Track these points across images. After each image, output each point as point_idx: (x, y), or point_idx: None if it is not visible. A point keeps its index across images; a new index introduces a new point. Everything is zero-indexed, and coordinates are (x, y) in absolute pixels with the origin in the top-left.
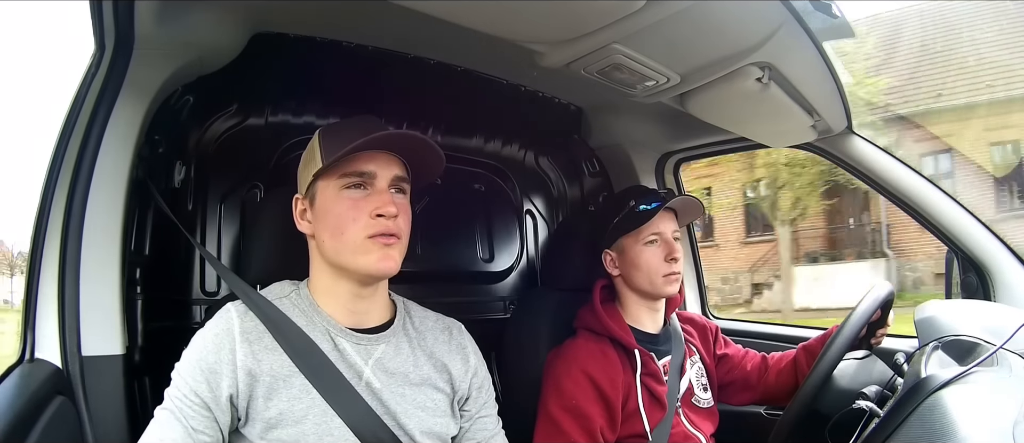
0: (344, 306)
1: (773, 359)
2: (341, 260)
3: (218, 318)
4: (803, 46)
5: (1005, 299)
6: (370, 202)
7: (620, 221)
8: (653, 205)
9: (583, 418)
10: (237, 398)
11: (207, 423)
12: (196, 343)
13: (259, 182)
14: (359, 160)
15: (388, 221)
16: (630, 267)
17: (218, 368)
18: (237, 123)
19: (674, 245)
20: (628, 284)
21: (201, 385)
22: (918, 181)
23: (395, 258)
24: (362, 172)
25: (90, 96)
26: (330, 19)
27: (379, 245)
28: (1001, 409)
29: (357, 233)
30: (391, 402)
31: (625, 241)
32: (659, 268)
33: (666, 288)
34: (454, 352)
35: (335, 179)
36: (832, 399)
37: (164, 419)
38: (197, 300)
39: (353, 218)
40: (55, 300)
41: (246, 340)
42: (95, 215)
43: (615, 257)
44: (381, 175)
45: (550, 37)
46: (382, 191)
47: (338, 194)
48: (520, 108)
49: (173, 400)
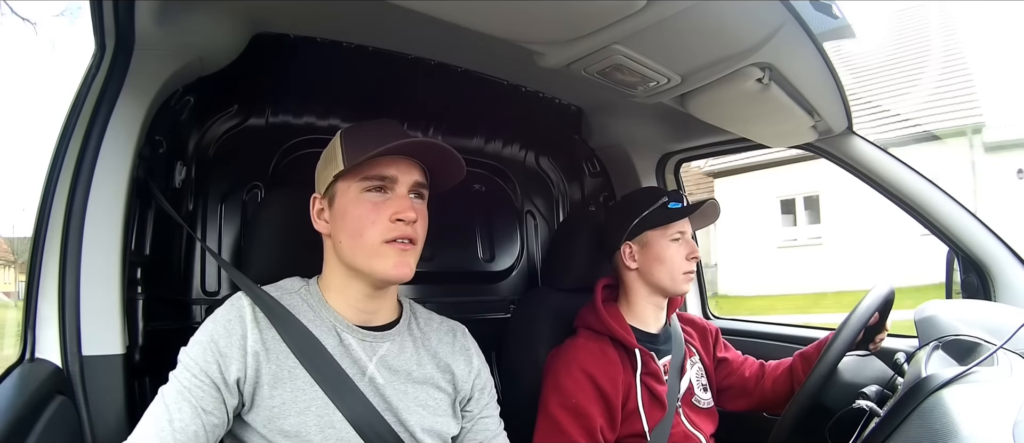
0: (353, 305)
1: (770, 367)
2: (356, 262)
3: (230, 304)
4: (803, 47)
5: (1005, 299)
6: (390, 206)
7: (651, 214)
8: (679, 205)
9: (583, 417)
10: (244, 383)
11: (216, 404)
12: (207, 326)
13: (260, 183)
14: (381, 164)
15: (407, 226)
16: (653, 261)
17: (228, 351)
18: (238, 124)
19: (694, 245)
20: (645, 278)
21: (212, 366)
22: (919, 181)
23: (410, 264)
24: (383, 176)
25: (90, 96)
26: (330, 20)
27: (396, 250)
28: (1001, 409)
29: (375, 236)
30: (393, 398)
31: (651, 235)
32: (681, 265)
33: (683, 285)
34: (458, 353)
35: (356, 182)
36: (835, 394)
37: (172, 399)
38: (197, 300)
39: (372, 221)
40: (55, 300)
41: (256, 326)
42: (96, 215)
43: (636, 250)
44: (402, 180)
45: (550, 37)
46: (402, 196)
47: (358, 196)
48: (520, 109)
49: (181, 380)
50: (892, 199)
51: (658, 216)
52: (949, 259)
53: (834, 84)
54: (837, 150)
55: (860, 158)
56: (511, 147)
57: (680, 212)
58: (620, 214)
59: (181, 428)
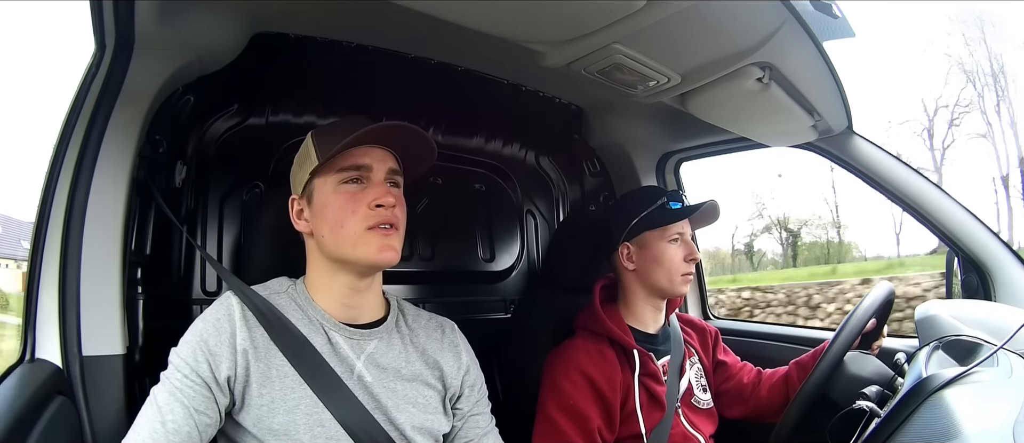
0: (339, 301)
1: (766, 374)
2: (341, 253)
3: (218, 303)
4: (804, 46)
5: (1006, 299)
6: (367, 194)
7: (650, 214)
8: (678, 205)
9: (581, 419)
10: (234, 382)
11: (208, 404)
12: (196, 326)
13: (259, 182)
14: (354, 155)
15: (386, 211)
16: (650, 262)
17: (218, 350)
18: (237, 123)
19: (693, 246)
20: (642, 280)
21: (202, 365)
22: (919, 181)
23: (395, 247)
24: (359, 166)
25: (90, 96)
26: (330, 19)
27: (379, 235)
28: (1002, 409)
29: (357, 225)
30: (382, 396)
31: (649, 235)
32: (679, 266)
33: (681, 287)
34: (446, 350)
35: (332, 175)
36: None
37: (163, 400)
38: (197, 300)
39: (352, 210)
40: (56, 300)
41: (245, 325)
42: (96, 215)
43: (634, 251)
44: (377, 168)
45: (551, 37)
46: (379, 183)
47: (336, 189)
48: (520, 108)
49: (172, 381)
50: (892, 199)
51: (657, 217)
52: (949, 259)
53: (834, 84)
54: (837, 150)
55: (860, 158)
56: (511, 147)
57: (679, 213)
58: (618, 214)
59: (174, 429)
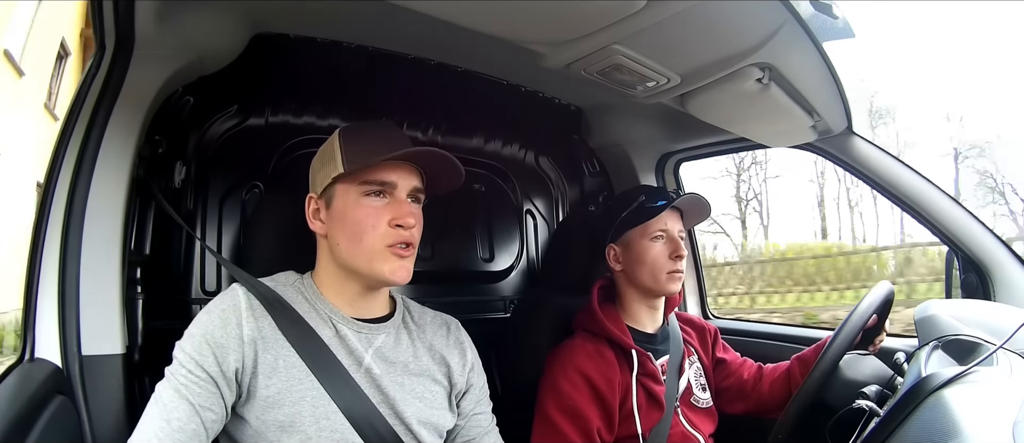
0: (348, 301)
1: (768, 370)
2: (355, 264)
3: (224, 295)
4: (803, 47)
5: (1005, 299)
6: (390, 211)
7: (629, 215)
8: (661, 203)
9: (580, 419)
10: (242, 373)
11: (213, 400)
12: (201, 319)
13: (259, 182)
14: (381, 170)
15: (406, 232)
16: (634, 262)
17: (225, 342)
18: (237, 123)
19: (679, 243)
20: (630, 280)
21: (207, 359)
22: (919, 181)
23: (409, 268)
24: (384, 182)
25: (90, 96)
26: (330, 20)
27: (395, 255)
28: (1001, 409)
29: (376, 241)
30: (390, 390)
31: (631, 235)
32: (664, 264)
33: (669, 285)
34: (452, 346)
35: (356, 185)
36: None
37: (168, 398)
38: (197, 299)
39: (372, 226)
40: (55, 299)
41: (252, 315)
42: (95, 215)
43: (619, 252)
44: (402, 186)
45: (550, 38)
46: (402, 201)
47: (358, 200)
48: (520, 108)
49: (177, 378)
50: (892, 199)
51: (636, 215)
52: (949, 258)
53: (834, 84)
54: (837, 150)
55: (860, 158)
56: (511, 147)
57: (656, 209)
58: (604, 216)
59: (179, 427)
